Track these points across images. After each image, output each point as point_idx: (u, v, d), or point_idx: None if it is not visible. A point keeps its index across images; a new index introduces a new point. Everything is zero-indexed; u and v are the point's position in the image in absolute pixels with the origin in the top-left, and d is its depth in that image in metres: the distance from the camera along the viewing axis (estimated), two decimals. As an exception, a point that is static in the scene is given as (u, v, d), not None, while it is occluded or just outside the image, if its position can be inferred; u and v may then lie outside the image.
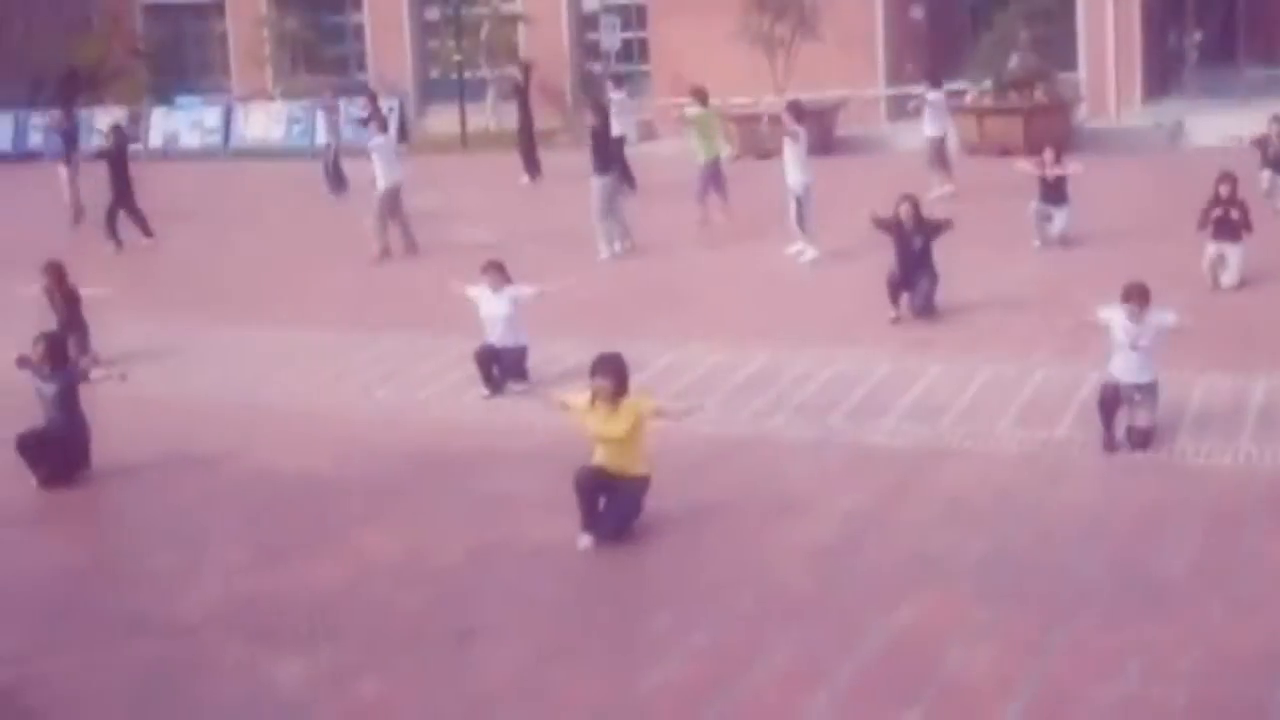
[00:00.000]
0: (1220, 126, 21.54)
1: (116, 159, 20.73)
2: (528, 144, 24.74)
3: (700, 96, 19.68)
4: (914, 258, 13.53)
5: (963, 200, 19.45)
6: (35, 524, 10.12)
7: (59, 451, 10.56)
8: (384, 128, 19.50)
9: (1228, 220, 14.27)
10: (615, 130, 20.50)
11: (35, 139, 33.69)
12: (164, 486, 10.52)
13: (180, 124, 33.44)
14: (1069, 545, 8.55)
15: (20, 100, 36.79)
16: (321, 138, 25.81)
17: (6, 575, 9.10)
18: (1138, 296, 10.03)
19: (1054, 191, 16.58)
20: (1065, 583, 8.02)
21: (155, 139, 33.11)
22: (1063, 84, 25.46)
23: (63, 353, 11.05)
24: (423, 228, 18.96)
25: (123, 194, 20.62)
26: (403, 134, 29.80)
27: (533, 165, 24.60)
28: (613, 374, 8.92)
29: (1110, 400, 9.97)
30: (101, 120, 27.14)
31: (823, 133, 23.64)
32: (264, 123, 32.70)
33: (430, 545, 9.06)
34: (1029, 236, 16.45)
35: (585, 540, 8.78)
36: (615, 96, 23.16)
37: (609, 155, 18.11)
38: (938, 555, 8.46)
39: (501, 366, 12.13)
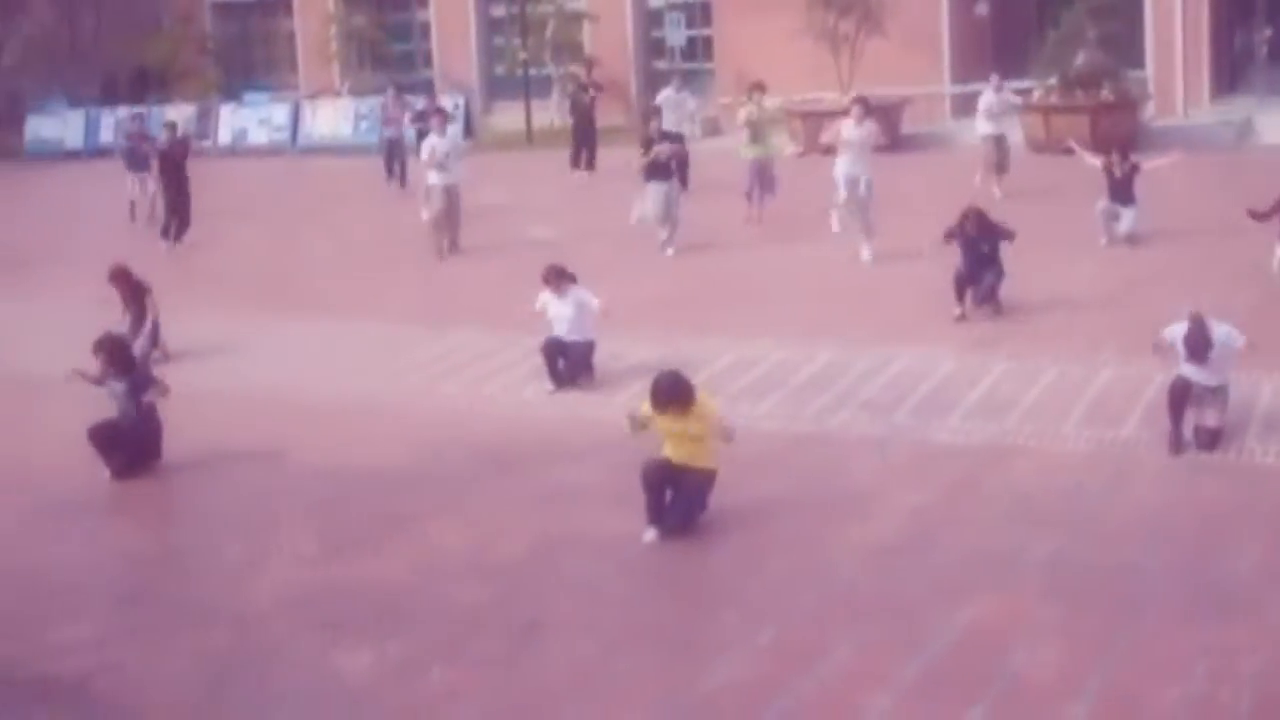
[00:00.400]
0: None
1: (170, 157, 20.87)
2: (586, 140, 24.78)
3: (756, 92, 19.65)
4: (981, 258, 13.49)
5: (1029, 199, 19.36)
6: (107, 514, 10.29)
7: (131, 443, 10.71)
8: (443, 127, 19.48)
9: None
10: (672, 128, 20.45)
11: (106, 136, 34.12)
12: (233, 478, 10.65)
13: (248, 121, 33.77)
14: (1135, 546, 8.50)
15: (92, 98, 37.31)
16: (385, 134, 25.94)
17: (80, 564, 9.26)
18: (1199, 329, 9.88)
19: (1122, 190, 16.46)
20: (1131, 583, 7.98)
21: (224, 136, 33.48)
22: (1130, 82, 25.23)
23: (123, 355, 10.97)
24: (487, 224, 19.07)
25: (175, 192, 20.68)
26: (468, 131, 30.01)
27: (589, 161, 24.63)
28: (674, 401, 8.87)
29: (1179, 396, 9.88)
30: (171, 117, 27.38)
31: (888, 130, 23.52)
32: (331, 119, 32.97)
33: (496, 538, 9.13)
34: (1095, 235, 16.34)
35: (651, 534, 8.82)
36: (669, 94, 23.14)
37: (661, 164, 17.68)
38: (1003, 554, 8.43)
39: (567, 361, 12.19)
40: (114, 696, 7.42)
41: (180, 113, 32.06)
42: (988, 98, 20.97)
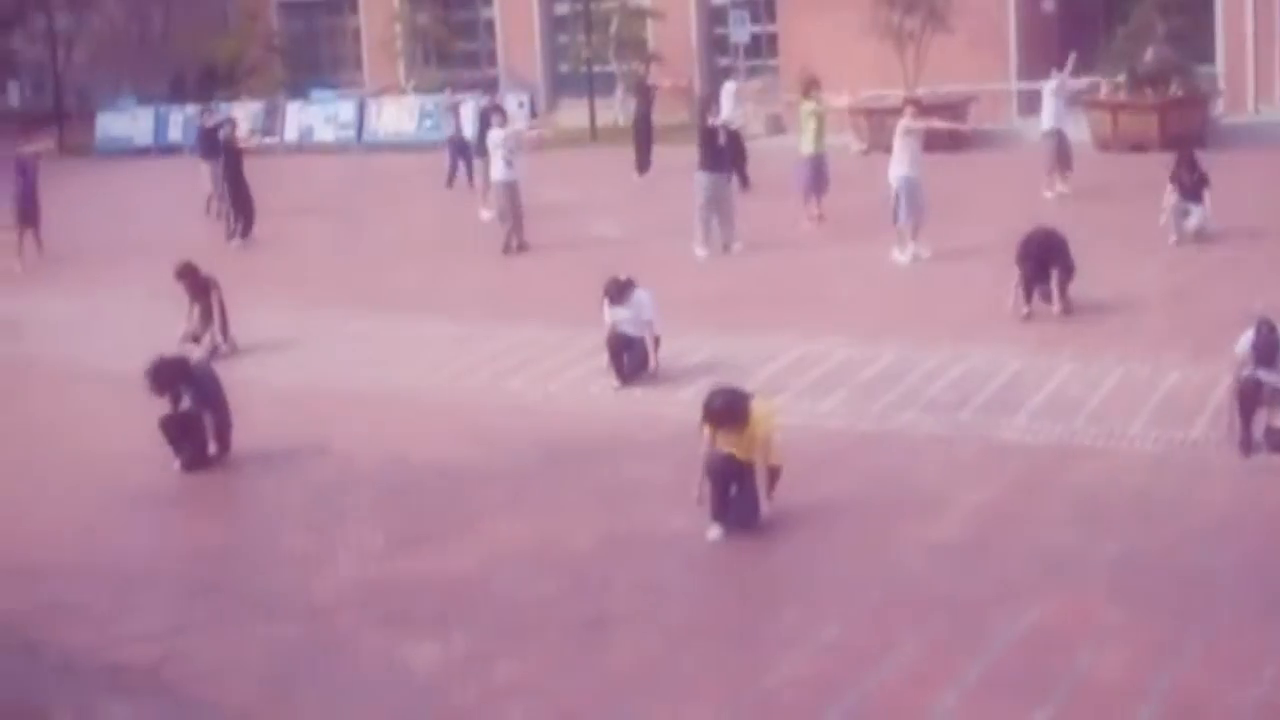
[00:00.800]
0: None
1: (228, 152, 21.07)
2: (642, 139, 24.78)
3: (812, 88, 19.59)
4: (1049, 264, 13.41)
5: (1096, 197, 19.21)
6: (178, 506, 10.43)
7: (201, 436, 10.84)
8: (504, 123, 19.57)
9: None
10: (733, 125, 20.40)
11: (175, 134, 34.50)
12: (301, 472, 10.75)
13: (315, 118, 34.03)
14: (1203, 547, 8.42)
15: (160, 95, 37.75)
16: (448, 131, 26.06)
17: (150, 555, 9.39)
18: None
19: (1193, 188, 16.30)
20: (1198, 585, 7.91)
21: (290, 133, 33.75)
22: (1199, 78, 24.95)
23: (170, 378, 10.77)
24: (552, 221, 19.13)
25: (237, 188, 20.84)
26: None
27: (644, 161, 24.59)
28: (726, 421, 8.89)
29: (1250, 396, 9.77)
30: (238, 114, 27.68)
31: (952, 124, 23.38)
32: (396, 116, 33.17)
33: (561, 533, 9.18)
34: (1164, 233, 16.18)
35: (715, 531, 8.83)
36: (730, 88, 23.06)
37: (715, 153, 17.62)
38: (1069, 555, 8.38)
39: (632, 357, 12.22)
40: (184, 685, 7.52)
41: (247, 110, 32.41)
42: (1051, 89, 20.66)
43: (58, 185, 22.37)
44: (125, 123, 36.14)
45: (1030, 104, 24.73)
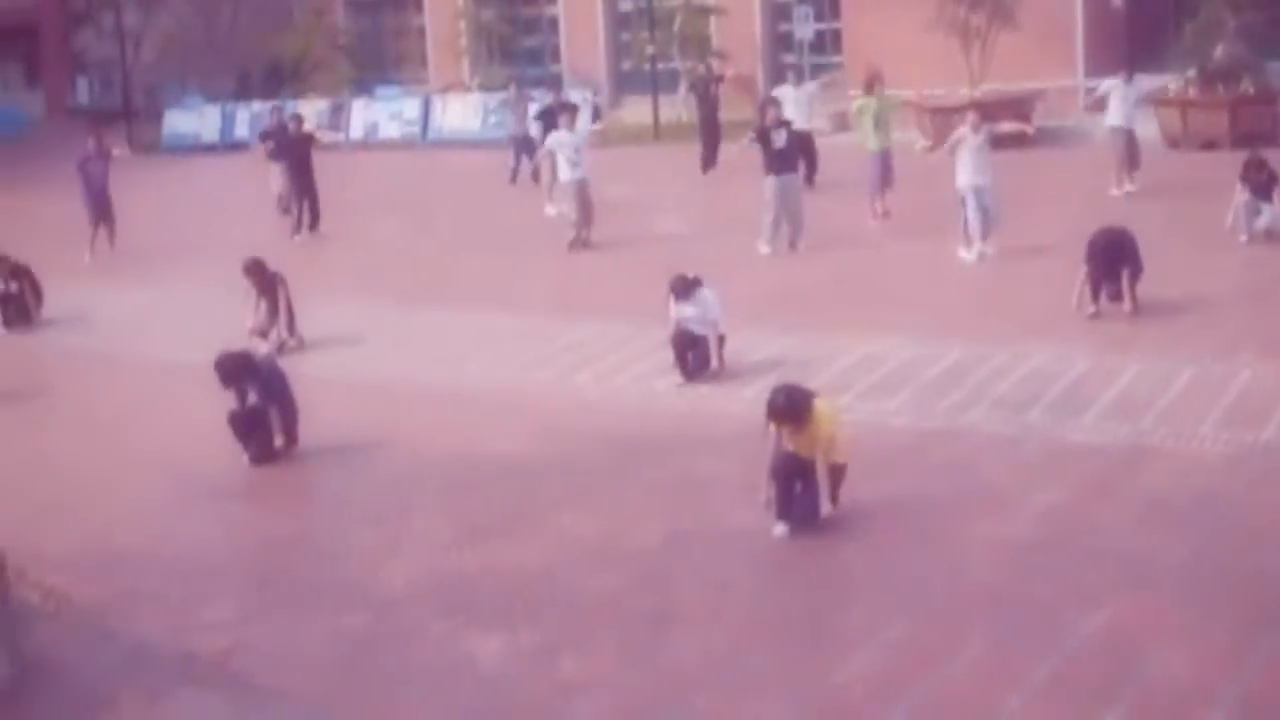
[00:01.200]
0: None
1: (298, 150, 21.20)
2: (709, 136, 24.74)
3: (873, 84, 19.49)
4: (1117, 263, 13.30)
5: (1165, 195, 19.02)
6: (246, 498, 10.54)
7: (268, 430, 10.94)
8: (573, 123, 19.59)
9: None
10: (797, 124, 20.30)
11: (241, 131, 34.82)
12: (367, 465, 10.84)
13: (380, 115, 34.25)
14: (1274, 550, 8.31)
15: (227, 93, 38.13)
16: (511, 128, 26.16)
17: (220, 547, 9.50)
18: None
19: (1263, 186, 16.11)
20: (1270, 589, 7.81)
21: (356, 130, 33.98)
22: (1271, 74, 24.62)
23: (235, 373, 10.93)
24: (616, 218, 19.16)
25: (303, 184, 20.96)
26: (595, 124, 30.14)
27: (710, 158, 24.56)
28: (788, 419, 8.88)
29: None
30: (305, 112, 27.89)
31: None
32: (461, 113, 33.33)
33: (626, 529, 9.20)
34: (1234, 232, 16.00)
35: (780, 528, 8.82)
36: (788, 90, 22.98)
37: (775, 155, 17.37)
38: (1137, 557, 8.30)
39: (697, 354, 12.23)
40: (252, 674, 7.60)
41: (313, 107, 32.66)
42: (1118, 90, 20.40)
43: (126, 181, 22.60)
44: (192, 120, 36.53)
45: (1099, 100, 24.49)
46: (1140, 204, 18.26)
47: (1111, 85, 20.28)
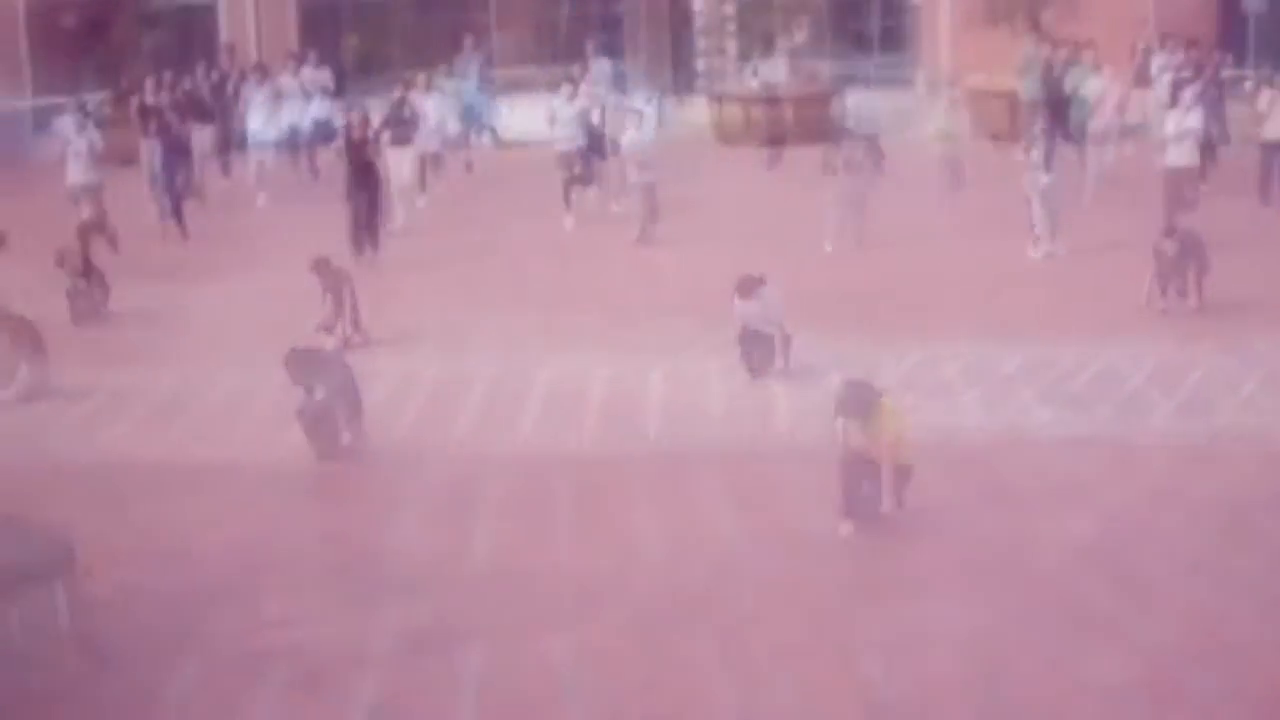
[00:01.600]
0: None
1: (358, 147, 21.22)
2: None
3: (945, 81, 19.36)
4: (1185, 261, 13.19)
5: (1236, 193, 18.75)
6: (313, 494, 10.59)
7: (334, 426, 10.98)
8: (637, 124, 19.63)
9: None
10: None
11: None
12: (433, 462, 10.83)
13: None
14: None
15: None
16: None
17: (288, 542, 9.53)
18: None
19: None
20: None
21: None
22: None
23: (302, 369, 11.02)
24: (680, 217, 19.10)
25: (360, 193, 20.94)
26: (660, 124, 30.07)
27: (774, 156, 24.53)
28: (856, 411, 8.87)
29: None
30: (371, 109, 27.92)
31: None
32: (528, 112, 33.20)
33: (694, 529, 9.18)
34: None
35: (847, 527, 8.78)
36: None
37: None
38: (1210, 557, 8.21)
39: (762, 353, 12.18)
40: (317, 671, 7.64)
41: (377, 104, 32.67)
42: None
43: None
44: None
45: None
46: (1210, 203, 17.98)
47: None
